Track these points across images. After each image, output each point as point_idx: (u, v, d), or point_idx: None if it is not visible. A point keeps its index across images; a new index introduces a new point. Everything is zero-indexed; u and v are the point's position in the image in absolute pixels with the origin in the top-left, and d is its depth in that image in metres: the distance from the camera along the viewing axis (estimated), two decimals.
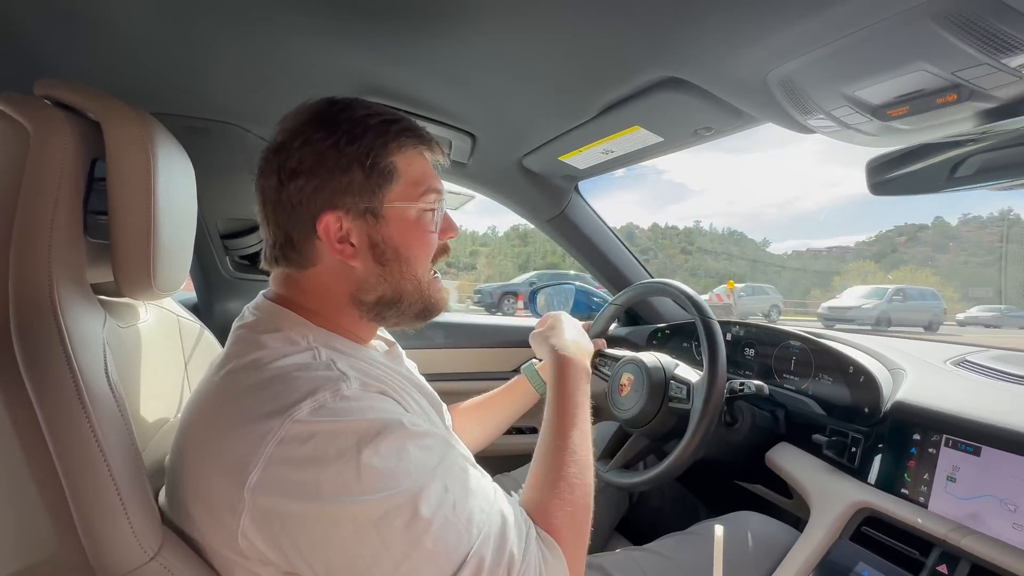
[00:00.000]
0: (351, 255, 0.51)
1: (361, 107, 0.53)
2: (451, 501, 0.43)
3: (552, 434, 0.59)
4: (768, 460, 0.93)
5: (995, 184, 0.69)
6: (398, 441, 0.42)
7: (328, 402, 0.42)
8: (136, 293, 0.54)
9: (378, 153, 0.50)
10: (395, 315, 0.55)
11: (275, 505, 0.40)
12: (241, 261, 1.20)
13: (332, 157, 0.49)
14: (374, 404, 0.45)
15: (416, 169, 0.53)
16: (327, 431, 0.41)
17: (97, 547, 0.41)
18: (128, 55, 0.75)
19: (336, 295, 0.53)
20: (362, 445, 0.41)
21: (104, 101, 0.50)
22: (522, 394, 0.93)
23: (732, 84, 0.65)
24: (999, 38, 0.44)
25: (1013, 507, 0.61)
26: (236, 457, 0.41)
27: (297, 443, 0.40)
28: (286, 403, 0.41)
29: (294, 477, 0.40)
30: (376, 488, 0.40)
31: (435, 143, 0.56)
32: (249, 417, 0.42)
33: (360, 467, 0.40)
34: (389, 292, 0.53)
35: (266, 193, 0.52)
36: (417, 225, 0.53)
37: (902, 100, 0.55)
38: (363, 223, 0.51)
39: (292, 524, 0.40)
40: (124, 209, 0.50)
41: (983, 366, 0.85)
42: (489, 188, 1.24)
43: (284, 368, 0.44)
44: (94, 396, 0.42)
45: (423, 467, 0.43)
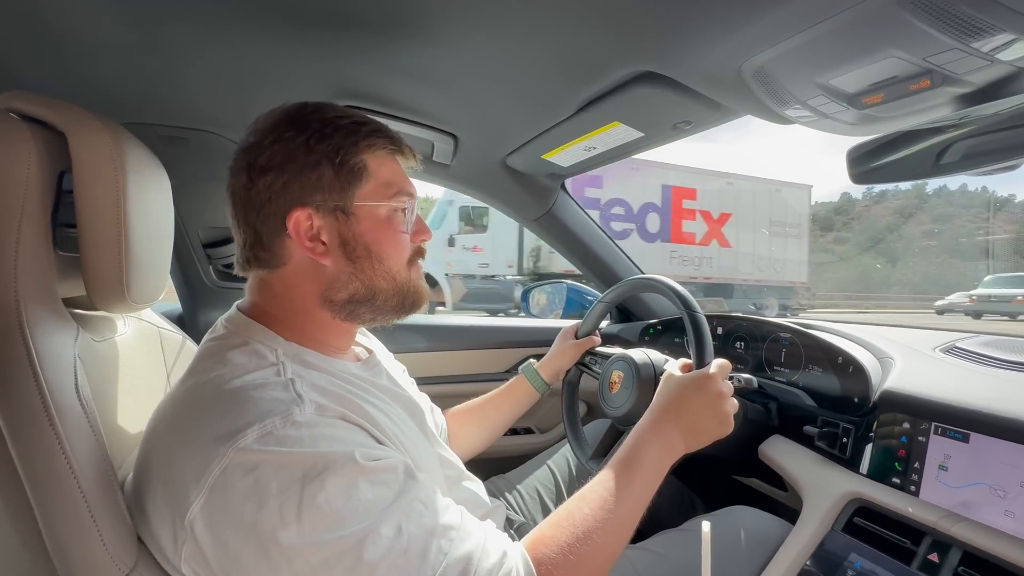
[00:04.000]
0: (322, 253, 0.51)
1: (332, 109, 0.53)
2: (403, 544, 0.40)
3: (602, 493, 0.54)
4: (761, 453, 0.93)
5: (981, 169, 0.69)
6: (347, 477, 0.40)
7: (277, 428, 0.41)
8: (110, 306, 0.54)
9: (348, 151, 0.51)
10: (369, 312, 0.55)
11: (213, 538, 0.39)
12: (224, 269, 1.20)
13: (302, 154, 0.49)
14: (327, 432, 0.43)
15: (387, 171, 0.54)
16: (272, 462, 0.39)
17: (68, 566, 0.40)
18: (98, 66, 0.74)
19: (306, 297, 0.53)
20: (307, 481, 0.39)
21: (69, 112, 0.49)
22: (522, 394, 0.92)
23: (707, 76, 0.65)
24: (968, 22, 0.44)
25: (1003, 493, 0.61)
26: (181, 482, 0.40)
27: (240, 473, 0.39)
28: (233, 428, 0.40)
29: (234, 511, 0.38)
30: (318, 530, 0.38)
31: (407, 147, 0.56)
32: (198, 438, 0.41)
33: (302, 505, 0.38)
34: (361, 289, 0.53)
35: (236, 192, 0.52)
36: (388, 224, 0.54)
37: (876, 88, 0.55)
38: (333, 220, 0.51)
39: (229, 559, 0.39)
40: (93, 221, 0.49)
41: (972, 352, 0.85)
42: (474, 188, 1.24)
43: (240, 387, 0.43)
44: (63, 414, 0.41)
45: (374, 507, 0.41)
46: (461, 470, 0.72)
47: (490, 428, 0.91)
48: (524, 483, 0.94)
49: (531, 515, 0.89)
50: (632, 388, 0.88)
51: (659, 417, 0.61)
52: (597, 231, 1.35)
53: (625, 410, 0.89)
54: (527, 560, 0.47)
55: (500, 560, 0.45)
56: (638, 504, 0.56)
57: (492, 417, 0.91)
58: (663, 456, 0.59)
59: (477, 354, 1.40)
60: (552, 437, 1.39)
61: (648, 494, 0.57)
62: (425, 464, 0.56)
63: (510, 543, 0.48)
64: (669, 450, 0.60)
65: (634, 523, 0.55)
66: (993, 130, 0.64)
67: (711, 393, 0.62)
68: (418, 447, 0.57)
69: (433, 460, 0.63)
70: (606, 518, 0.51)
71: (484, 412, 0.91)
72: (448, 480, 0.67)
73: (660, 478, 0.59)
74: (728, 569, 0.71)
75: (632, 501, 0.55)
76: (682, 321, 0.84)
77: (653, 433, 0.60)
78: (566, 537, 0.49)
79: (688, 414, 0.62)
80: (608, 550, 0.51)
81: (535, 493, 0.93)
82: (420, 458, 0.55)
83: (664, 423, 0.61)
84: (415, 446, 0.55)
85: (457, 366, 1.38)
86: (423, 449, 0.59)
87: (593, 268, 1.39)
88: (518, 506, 0.91)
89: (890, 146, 0.73)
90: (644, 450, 0.58)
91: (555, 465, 0.98)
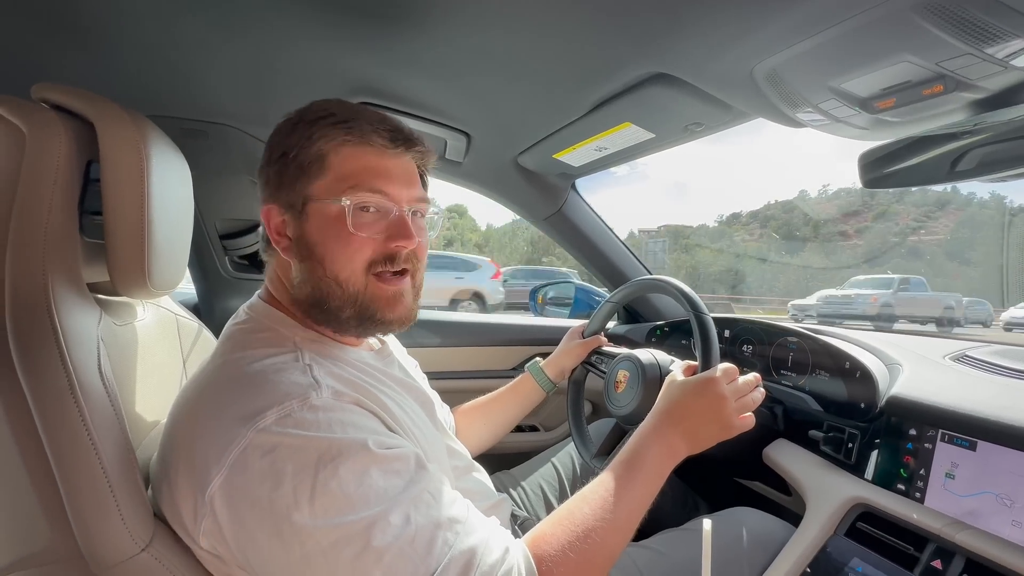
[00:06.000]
0: (285, 247, 0.52)
1: (324, 104, 0.52)
2: (410, 533, 0.41)
3: (603, 493, 0.54)
4: (765, 456, 0.92)
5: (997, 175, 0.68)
6: (360, 464, 0.41)
7: (295, 411, 0.42)
8: (132, 291, 0.55)
9: (303, 145, 0.49)
10: (326, 318, 0.52)
11: (231, 514, 0.40)
12: (240, 261, 1.22)
13: (275, 150, 0.51)
14: (343, 418, 0.44)
15: (352, 164, 0.49)
16: (288, 445, 0.40)
17: (89, 538, 0.42)
18: (124, 59, 0.77)
19: (286, 291, 0.55)
20: (321, 465, 0.40)
21: (98, 104, 0.51)
22: (528, 392, 0.92)
23: (719, 79, 0.65)
24: (981, 28, 0.44)
25: (1010, 503, 0.61)
26: (203, 459, 0.41)
27: (259, 454, 0.40)
28: (254, 409, 0.42)
29: (251, 489, 0.40)
30: (329, 514, 0.39)
31: (375, 134, 0.50)
32: (220, 417, 0.42)
33: (315, 488, 0.39)
34: (311, 291, 0.51)
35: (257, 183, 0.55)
36: (336, 223, 0.49)
37: (888, 92, 0.55)
38: (292, 216, 0.51)
39: (245, 535, 0.40)
40: (118, 209, 0.51)
41: (982, 361, 0.84)
42: (485, 187, 1.25)
43: (260, 370, 0.45)
44: (87, 391, 0.43)
45: (384, 494, 0.42)
46: (470, 461, 0.73)
47: (496, 425, 0.92)
48: (528, 480, 0.95)
49: (535, 511, 0.90)
50: (637, 388, 0.89)
51: (661, 420, 0.61)
52: (606, 231, 1.36)
53: (630, 409, 0.89)
54: (528, 557, 0.48)
55: (502, 556, 0.45)
56: (639, 505, 0.56)
57: (498, 415, 0.92)
58: (664, 459, 0.59)
59: (484, 351, 1.41)
60: (557, 435, 1.39)
61: (649, 496, 0.57)
62: (434, 454, 0.57)
63: (512, 540, 0.49)
64: (671, 453, 0.59)
65: (634, 524, 0.55)
66: (1010, 138, 0.63)
67: (713, 397, 0.62)
68: (428, 437, 0.57)
69: (442, 451, 0.64)
70: (606, 518, 0.51)
71: (490, 410, 0.92)
72: (456, 471, 0.68)
73: (662, 480, 0.58)
74: (729, 569, 0.71)
75: (633, 502, 0.55)
76: (689, 323, 0.84)
77: (655, 436, 0.60)
78: (567, 535, 0.49)
79: (690, 418, 0.61)
80: (608, 550, 0.51)
81: (539, 490, 0.94)
82: (430, 448, 0.56)
83: (666, 426, 0.61)
84: (425, 436, 0.56)
85: (464, 362, 1.39)
86: (433, 439, 0.60)
87: (601, 268, 1.39)
88: (522, 502, 0.91)
89: (904, 152, 0.72)
90: (646, 452, 0.58)
91: (559, 463, 0.98)
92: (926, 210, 12.32)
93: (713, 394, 0.62)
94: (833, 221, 26.44)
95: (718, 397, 0.62)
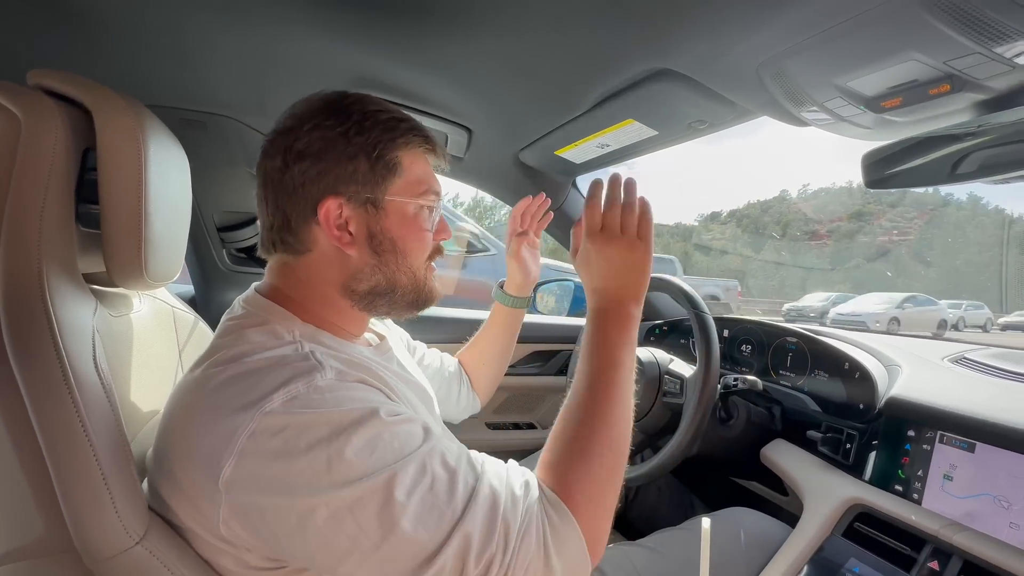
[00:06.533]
0: (348, 243, 0.51)
1: (372, 102, 0.54)
2: (428, 481, 0.42)
3: (581, 391, 0.53)
4: (763, 456, 0.92)
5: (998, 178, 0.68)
6: (372, 431, 0.42)
7: (301, 393, 0.42)
8: (128, 283, 0.55)
9: (385, 146, 0.52)
10: (386, 305, 0.56)
11: (249, 499, 0.40)
12: (238, 254, 1.21)
13: (340, 144, 0.50)
14: (350, 394, 0.44)
15: (418, 168, 0.55)
16: (299, 423, 0.41)
17: (82, 531, 0.41)
18: (122, 47, 0.76)
19: (328, 284, 0.54)
20: (334, 437, 0.40)
21: (96, 91, 0.50)
22: (503, 318, 0.90)
23: (724, 75, 0.65)
24: (991, 26, 0.44)
25: (1007, 504, 0.61)
26: (210, 450, 0.41)
27: (268, 436, 0.40)
28: (258, 394, 0.41)
29: (266, 472, 0.40)
30: (348, 478, 0.40)
31: (439, 147, 0.56)
32: (223, 411, 0.42)
33: (331, 459, 0.40)
34: (383, 282, 0.54)
35: (269, 174, 0.52)
36: (415, 221, 0.54)
37: (895, 91, 0.55)
38: (363, 212, 0.52)
39: (268, 516, 0.40)
40: (115, 198, 0.50)
41: (981, 363, 0.84)
42: (486, 182, 1.24)
43: (261, 362, 0.44)
44: (81, 382, 0.43)
45: (399, 452, 0.42)
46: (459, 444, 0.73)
47: (494, 358, 0.92)
48: None
49: None
50: (637, 387, 0.89)
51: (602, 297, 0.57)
52: None
53: None
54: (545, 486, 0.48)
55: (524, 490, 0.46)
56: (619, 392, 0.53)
57: (491, 349, 0.92)
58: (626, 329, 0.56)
59: None
60: None
61: (631, 370, 0.55)
62: None
63: (530, 472, 0.49)
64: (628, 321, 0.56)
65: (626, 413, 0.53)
66: (1011, 141, 0.63)
67: (620, 245, 0.57)
68: None
69: None
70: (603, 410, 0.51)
71: (483, 348, 0.92)
72: None
73: (632, 354, 0.56)
74: (726, 569, 0.71)
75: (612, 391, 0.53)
76: (687, 322, 0.84)
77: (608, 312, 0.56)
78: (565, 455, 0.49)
79: (630, 271, 0.57)
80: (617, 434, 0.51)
81: None
82: None
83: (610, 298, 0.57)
84: None
85: None
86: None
87: None
88: None
89: (906, 153, 0.72)
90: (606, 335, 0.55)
91: None
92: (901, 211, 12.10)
93: (629, 235, 0.57)
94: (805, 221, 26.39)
95: (646, 239, 0.57)
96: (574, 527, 0.45)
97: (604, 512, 0.48)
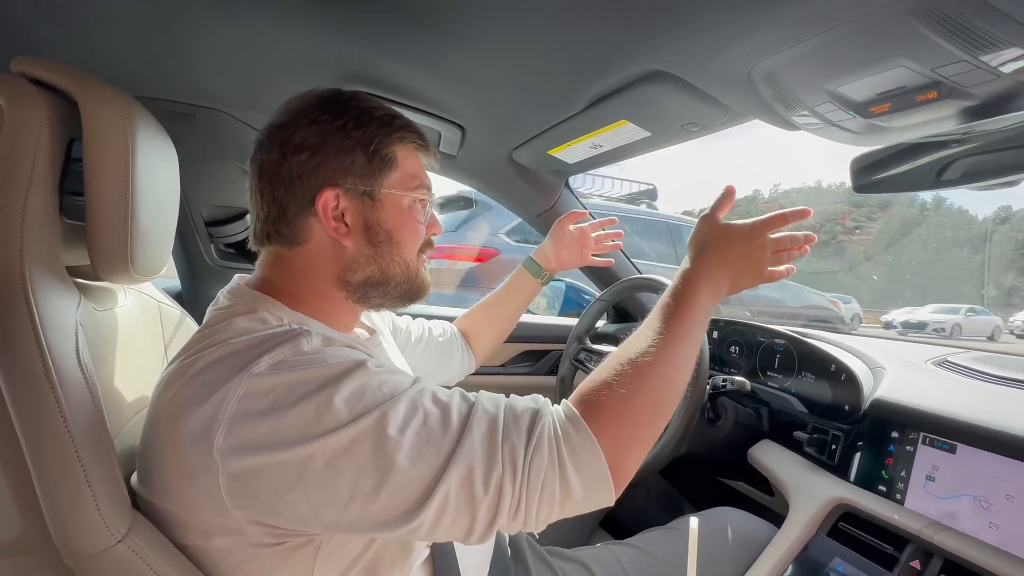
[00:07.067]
0: (344, 234, 0.52)
1: (367, 100, 0.56)
2: (421, 417, 0.42)
3: (653, 322, 0.53)
4: (750, 457, 0.93)
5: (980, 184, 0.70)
6: (360, 379, 0.42)
7: (287, 356, 0.42)
8: (113, 276, 0.54)
9: (381, 141, 0.53)
10: (379, 296, 0.57)
11: (246, 462, 0.40)
12: (226, 249, 1.20)
13: (338, 138, 0.52)
14: (337, 353, 0.45)
15: (412, 164, 0.57)
16: (287, 382, 0.41)
17: (62, 529, 0.40)
18: (111, 37, 0.74)
19: (322, 275, 0.54)
20: (322, 388, 0.41)
21: (82, 80, 0.49)
22: (522, 284, 0.96)
23: (717, 78, 0.65)
24: (978, 35, 0.44)
25: (987, 505, 0.62)
26: (201, 423, 0.41)
27: (257, 397, 0.40)
28: (243, 362, 0.42)
29: (258, 430, 0.40)
30: (339, 422, 0.40)
31: (431, 145, 0.59)
32: (210, 385, 0.42)
33: (319, 408, 0.40)
34: (377, 273, 0.55)
35: (264, 166, 0.53)
36: (409, 213, 0.56)
37: (884, 97, 0.55)
38: (360, 204, 0.53)
39: (267, 475, 0.40)
40: (101, 190, 0.49)
41: (963, 367, 0.86)
42: (479, 181, 1.24)
43: (248, 341, 0.44)
44: (63, 376, 0.42)
45: (387, 395, 0.43)
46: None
47: (502, 321, 0.97)
48: None
49: None
50: None
51: (712, 259, 0.59)
52: None
53: None
54: (561, 403, 0.48)
55: (530, 403, 0.47)
56: (693, 342, 0.54)
57: (500, 311, 0.97)
58: (712, 298, 0.58)
59: None
60: None
61: (700, 335, 0.56)
62: None
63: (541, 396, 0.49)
64: (717, 293, 0.58)
65: (690, 361, 0.53)
66: (993, 149, 0.65)
67: (759, 244, 0.61)
68: None
69: None
70: (659, 352, 0.50)
71: (493, 308, 0.97)
72: None
73: (708, 320, 0.57)
74: (713, 568, 0.72)
75: (686, 337, 0.53)
76: None
77: (706, 274, 0.58)
78: (612, 372, 0.48)
79: (737, 261, 0.60)
80: (663, 381, 0.50)
81: None
82: None
83: (716, 267, 0.59)
84: None
85: None
86: None
87: (592, 266, 1.39)
88: None
89: (893, 158, 0.73)
90: (697, 290, 0.56)
91: None
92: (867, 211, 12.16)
93: (760, 241, 0.61)
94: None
95: (762, 245, 0.61)
96: (591, 441, 0.44)
97: (632, 438, 0.46)
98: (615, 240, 1.02)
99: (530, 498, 0.42)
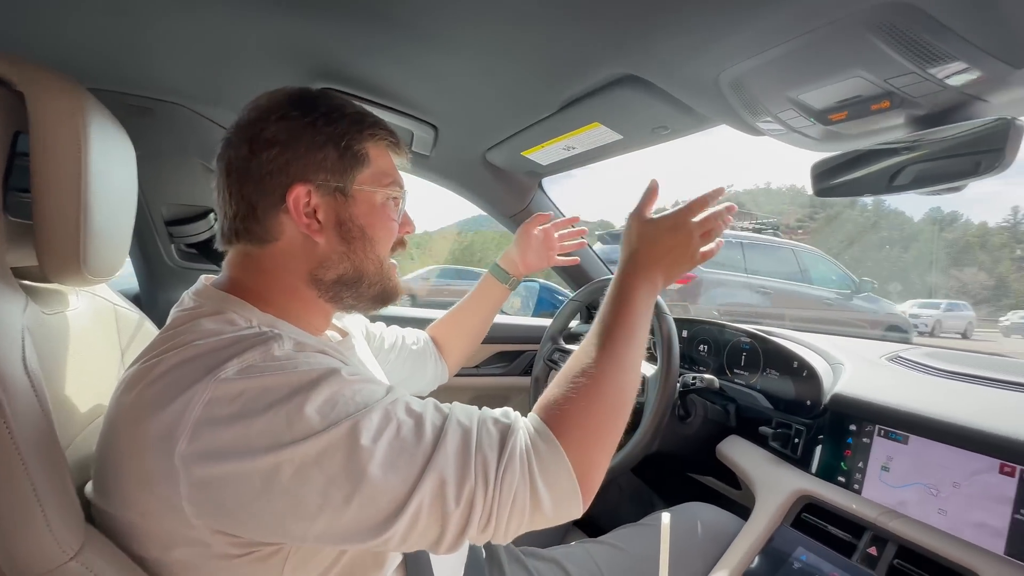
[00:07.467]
0: (316, 230, 0.51)
1: (337, 98, 0.55)
2: (394, 427, 0.41)
3: (598, 332, 0.54)
4: (718, 452, 0.96)
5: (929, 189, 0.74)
6: (333, 387, 0.41)
7: (257, 361, 0.41)
8: (63, 278, 0.51)
9: (353, 137, 0.53)
10: (352, 296, 0.55)
11: (209, 470, 0.38)
12: (187, 249, 1.15)
13: (309, 133, 0.51)
14: (309, 360, 0.43)
15: (383, 162, 0.56)
16: (256, 387, 0.39)
17: (9, 546, 0.38)
18: (62, 25, 0.70)
19: (293, 273, 0.52)
20: (293, 395, 0.40)
21: (27, 70, 0.46)
22: (489, 291, 0.95)
23: (686, 83, 0.67)
24: (925, 48, 0.47)
25: (936, 492, 0.66)
26: (163, 429, 0.39)
27: (224, 403, 0.39)
28: (211, 364, 0.40)
29: (223, 437, 0.38)
30: (310, 431, 0.39)
31: (402, 144, 0.58)
32: (173, 388, 0.40)
33: (290, 416, 0.39)
34: (351, 271, 0.54)
35: (232, 163, 0.51)
36: (383, 210, 0.55)
37: (841, 105, 0.58)
38: (332, 200, 0.52)
39: (231, 484, 0.38)
40: (49, 186, 0.46)
41: (915, 362, 0.90)
42: (452, 181, 1.23)
43: (214, 344, 0.43)
44: (8, 385, 0.39)
45: (361, 404, 0.42)
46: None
47: (472, 329, 0.96)
48: None
49: None
50: None
51: (643, 259, 0.60)
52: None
53: None
54: (532, 414, 0.48)
55: (502, 415, 0.47)
56: (637, 344, 0.55)
57: (470, 320, 0.96)
58: (650, 296, 0.59)
59: None
60: None
61: (643, 335, 0.57)
62: None
63: (511, 409, 0.49)
64: (654, 290, 0.60)
65: (637, 363, 0.55)
66: (940, 156, 0.69)
67: (686, 233, 0.62)
68: None
69: None
70: (610, 358, 0.52)
71: (462, 317, 0.96)
72: None
73: (649, 316, 0.59)
74: (684, 561, 0.74)
75: (631, 340, 0.55)
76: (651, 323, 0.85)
77: (641, 275, 0.59)
78: (568, 386, 0.49)
79: (668, 254, 0.61)
80: (618, 387, 0.51)
81: None
82: None
83: (649, 265, 0.60)
84: None
85: None
86: None
87: (565, 267, 1.40)
88: None
89: (850, 164, 0.77)
90: (635, 293, 0.58)
91: None
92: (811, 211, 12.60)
93: (686, 230, 0.62)
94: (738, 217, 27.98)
95: (689, 232, 0.62)
96: (560, 455, 0.45)
97: (598, 447, 0.48)
98: (579, 239, 1.00)
99: (500, 511, 0.42)
